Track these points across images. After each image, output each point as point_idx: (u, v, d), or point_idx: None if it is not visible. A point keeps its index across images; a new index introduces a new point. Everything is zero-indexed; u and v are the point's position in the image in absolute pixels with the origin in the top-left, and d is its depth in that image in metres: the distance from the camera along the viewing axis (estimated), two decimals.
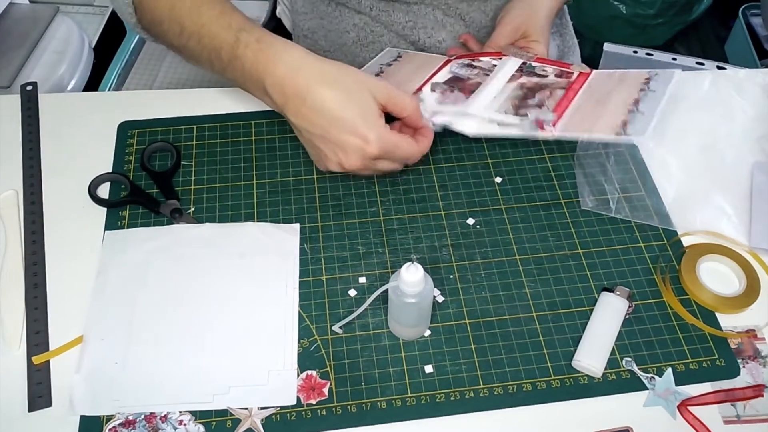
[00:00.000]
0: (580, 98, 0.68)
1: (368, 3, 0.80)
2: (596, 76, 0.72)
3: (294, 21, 0.91)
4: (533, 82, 0.71)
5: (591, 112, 0.66)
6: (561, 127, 0.65)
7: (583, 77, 0.71)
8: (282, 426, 0.55)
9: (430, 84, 0.73)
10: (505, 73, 0.73)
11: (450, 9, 0.81)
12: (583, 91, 0.69)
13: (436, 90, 0.72)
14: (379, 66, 0.78)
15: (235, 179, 0.70)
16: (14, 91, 0.92)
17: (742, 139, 0.75)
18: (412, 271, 0.52)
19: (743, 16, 1.64)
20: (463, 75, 0.74)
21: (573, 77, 0.72)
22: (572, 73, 0.72)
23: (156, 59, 1.35)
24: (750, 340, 0.60)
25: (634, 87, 0.68)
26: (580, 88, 0.70)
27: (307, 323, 0.60)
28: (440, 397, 0.57)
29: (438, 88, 0.72)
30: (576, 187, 0.70)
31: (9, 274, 0.64)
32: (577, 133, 0.65)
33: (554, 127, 0.65)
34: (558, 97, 0.69)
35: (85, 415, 0.55)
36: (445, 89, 0.72)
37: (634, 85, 0.68)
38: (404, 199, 0.69)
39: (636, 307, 0.62)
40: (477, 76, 0.73)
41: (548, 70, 0.73)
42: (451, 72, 0.75)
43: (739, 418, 0.56)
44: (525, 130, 0.66)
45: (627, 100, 0.66)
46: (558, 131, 0.65)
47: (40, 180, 0.70)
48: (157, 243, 0.65)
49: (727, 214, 0.68)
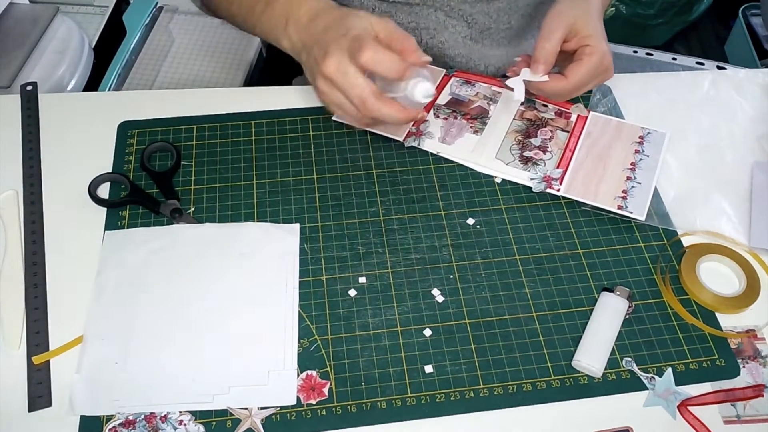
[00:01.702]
0: (581, 151, 0.72)
1: (370, 4, 0.80)
2: (594, 120, 0.75)
3: None
4: (533, 113, 0.75)
5: (594, 171, 0.70)
6: (566, 186, 0.69)
7: (582, 121, 0.75)
8: (282, 426, 0.55)
9: (433, 108, 0.76)
10: (509, 113, 0.75)
11: (453, 10, 0.81)
12: (584, 139, 0.73)
13: (439, 116, 0.75)
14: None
15: (235, 179, 0.70)
16: (14, 91, 0.92)
17: (742, 139, 0.75)
18: None
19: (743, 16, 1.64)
20: (463, 97, 0.77)
21: (572, 119, 0.75)
22: (570, 114, 0.75)
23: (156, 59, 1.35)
24: (750, 340, 0.60)
25: (630, 147, 0.72)
26: (581, 135, 0.73)
27: (307, 323, 0.60)
28: (440, 397, 0.57)
29: (441, 113, 0.75)
30: None
31: (9, 274, 0.64)
32: (582, 198, 0.68)
33: (560, 184, 0.69)
34: (560, 143, 0.72)
35: (85, 415, 0.55)
36: (448, 115, 0.75)
37: (629, 141, 0.73)
38: (404, 199, 0.69)
39: (636, 307, 0.62)
40: (477, 98, 0.77)
41: (548, 107, 0.76)
42: (450, 93, 0.77)
43: (739, 418, 0.56)
44: (534, 187, 0.69)
45: (624, 161, 0.71)
46: (563, 190, 0.68)
47: (40, 180, 0.70)
48: (157, 243, 0.65)
49: (727, 214, 0.68)
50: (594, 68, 0.69)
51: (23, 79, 1.02)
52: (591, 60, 0.68)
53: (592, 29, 0.69)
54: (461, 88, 0.78)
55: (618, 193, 0.68)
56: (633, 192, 0.68)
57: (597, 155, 0.71)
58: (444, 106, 0.76)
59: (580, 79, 0.69)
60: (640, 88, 0.80)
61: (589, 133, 0.73)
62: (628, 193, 0.68)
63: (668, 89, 0.80)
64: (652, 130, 0.73)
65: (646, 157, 0.71)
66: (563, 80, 0.69)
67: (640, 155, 0.71)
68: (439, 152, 0.72)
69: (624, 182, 0.69)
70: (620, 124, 0.74)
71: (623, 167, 0.70)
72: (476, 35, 0.83)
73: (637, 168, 0.70)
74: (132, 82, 1.29)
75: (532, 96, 0.76)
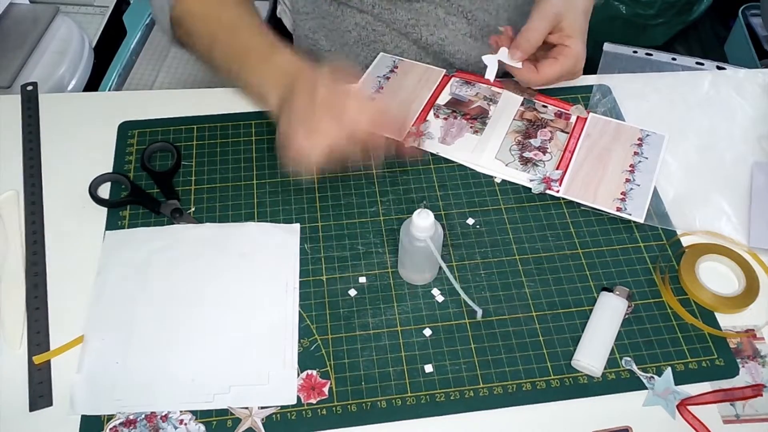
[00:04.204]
0: (580, 152, 0.72)
1: (371, 1, 0.80)
2: (593, 122, 0.75)
3: (295, 21, 0.91)
4: (533, 114, 0.75)
5: (593, 173, 0.70)
6: (565, 187, 0.69)
7: (581, 122, 0.75)
8: (282, 425, 0.55)
9: (433, 108, 0.76)
10: (508, 114, 0.76)
11: (452, 6, 0.81)
12: (583, 140, 0.73)
13: (439, 116, 0.75)
14: (376, 79, 0.79)
15: (235, 179, 0.70)
16: (14, 91, 0.92)
17: (742, 139, 0.75)
18: (423, 216, 0.56)
19: (743, 16, 1.64)
20: (463, 97, 0.77)
21: (571, 120, 0.75)
22: (570, 115, 0.75)
23: (156, 59, 1.35)
24: (749, 339, 0.60)
25: (629, 148, 0.72)
26: (580, 136, 0.73)
27: (307, 323, 0.61)
28: (440, 396, 0.57)
29: (441, 113, 0.76)
30: None
31: (9, 274, 0.64)
32: (581, 200, 0.68)
33: (560, 186, 0.69)
34: (560, 144, 0.73)
35: (86, 414, 0.55)
36: (448, 115, 0.75)
37: (628, 143, 0.73)
38: (404, 199, 0.69)
39: (635, 307, 0.62)
40: (477, 98, 0.77)
41: (548, 108, 0.76)
42: (451, 93, 0.78)
43: (738, 418, 0.56)
44: (534, 188, 0.69)
45: (623, 163, 0.71)
46: (562, 192, 0.69)
47: (40, 180, 0.70)
48: (157, 243, 0.65)
49: (727, 214, 0.68)
50: (566, 70, 0.72)
51: (23, 79, 1.02)
52: (566, 62, 0.72)
53: (575, 29, 0.72)
54: (461, 88, 0.78)
55: (617, 195, 0.68)
56: (632, 194, 0.68)
57: (596, 157, 0.72)
58: (444, 106, 0.76)
59: (550, 76, 0.72)
60: (639, 88, 0.80)
61: (589, 135, 0.74)
62: (627, 195, 0.68)
63: (668, 89, 0.80)
64: (651, 132, 0.74)
65: (645, 159, 0.71)
66: (534, 73, 0.72)
67: (639, 157, 0.71)
68: (439, 152, 0.72)
69: (623, 184, 0.69)
70: (619, 125, 0.75)
71: (622, 169, 0.70)
72: (476, 32, 0.83)
73: (636, 170, 0.70)
74: (132, 82, 1.29)
75: (526, 94, 0.77)
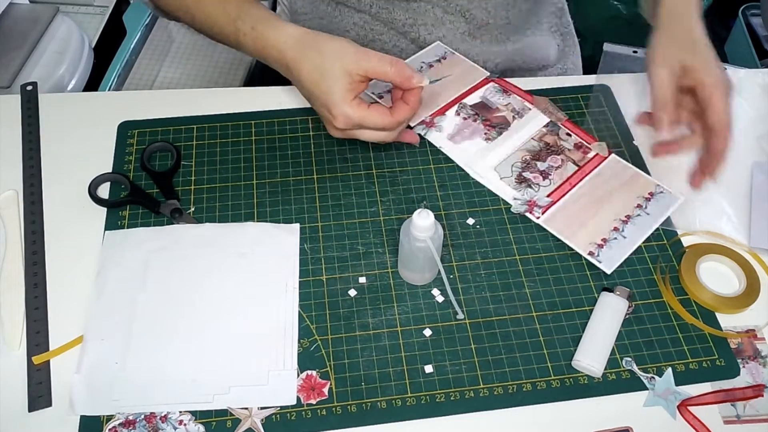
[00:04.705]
0: (581, 188, 0.69)
1: (368, 1, 0.80)
2: (611, 163, 0.71)
3: (293, 21, 0.91)
4: (553, 139, 0.73)
5: (582, 212, 0.67)
6: (547, 216, 0.67)
7: (598, 159, 0.71)
8: (282, 426, 0.55)
9: (457, 105, 0.75)
10: (528, 131, 0.74)
11: (450, 6, 0.81)
12: (591, 178, 0.70)
13: (460, 114, 0.75)
14: (421, 64, 0.80)
15: (235, 179, 0.70)
16: (14, 91, 0.92)
17: (742, 139, 0.75)
18: (424, 216, 0.56)
19: (743, 16, 1.64)
20: (492, 103, 0.76)
21: (589, 155, 0.72)
22: (590, 150, 0.72)
23: (156, 59, 1.35)
24: (750, 340, 0.60)
25: (634, 199, 0.68)
26: (590, 172, 0.70)
27: (307, 323, 0.60)
28: (440, 397, 0.57)
29: (463, 112, 0.75)
30: None
31: (9, 274, 0.64)
32: (557, 234, 0.66)
33: (542, 213, 0.67)
34: (565, 174, 0.70)
35: (85, 415, 0.55)
36: (468, 116, 0.75)
37: (636, 193, 0.68)
38: (404, 199, 0.69)
39: (636, 307, 0.62)
40: (506, 108, 0.75)
41: (571, 137, 0.73)
42: (481, 97, 0.77)
43: (739, 418, 0.56)
44: (514, 207, 0.68)
45: (620, 212, 0.67)
46: (542, 220, 0.66)
47: (40, 180, 0.70)
48: (157, 243, 0.65)
49: (727, 214, 0.68)
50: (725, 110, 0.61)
51: (23, 79, 1.02)
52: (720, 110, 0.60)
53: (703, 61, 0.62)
54: (495, 94, 0.77)
55: (596, 240, 0.65)
56: (612, 243, 0.64)
57: (596, 198, 0.68)
58: (470, 107, 0.76)
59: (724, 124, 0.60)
60: (640, 88, 0.80)
61: (600, 174, 0.70)
62: (607, 244, 0.64)
63: None
64: (666, 190, 0.68)
65: (646, 214, 0.67)
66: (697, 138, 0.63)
67: (640, 210, 0.67)
68: (442, 147, 0.72)
69: (609, 231, 0.65)
70: (636, 174, 0.70)
71: (616, 216, 0.66)
72: (474, 31, 0.83)
73: (630, 222, 0.66)
74: (132, 82, 1.29)
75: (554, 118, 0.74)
